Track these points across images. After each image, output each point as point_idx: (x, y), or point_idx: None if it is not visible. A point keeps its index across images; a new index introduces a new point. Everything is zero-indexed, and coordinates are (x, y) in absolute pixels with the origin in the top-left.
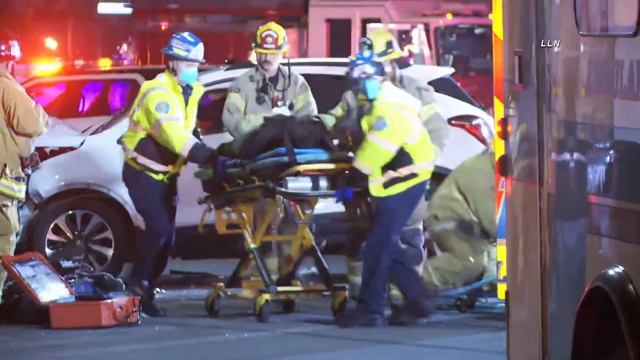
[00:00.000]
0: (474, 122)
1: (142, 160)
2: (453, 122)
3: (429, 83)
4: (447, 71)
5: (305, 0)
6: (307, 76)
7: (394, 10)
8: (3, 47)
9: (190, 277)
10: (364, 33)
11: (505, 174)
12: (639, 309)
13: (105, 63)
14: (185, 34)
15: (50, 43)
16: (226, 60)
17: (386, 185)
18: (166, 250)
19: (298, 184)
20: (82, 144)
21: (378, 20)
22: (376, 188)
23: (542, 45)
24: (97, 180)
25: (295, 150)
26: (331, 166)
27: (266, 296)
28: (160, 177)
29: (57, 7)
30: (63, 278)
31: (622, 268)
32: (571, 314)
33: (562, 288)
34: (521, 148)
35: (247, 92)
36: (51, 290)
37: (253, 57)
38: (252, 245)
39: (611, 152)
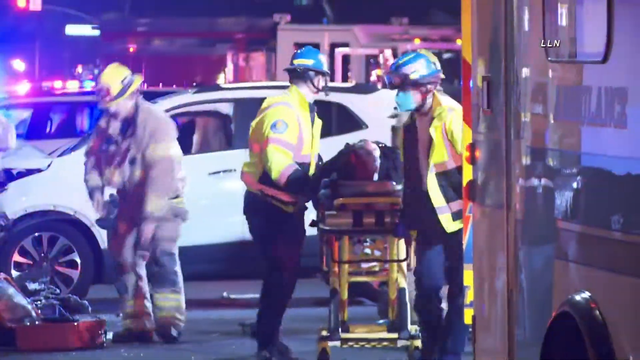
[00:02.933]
0: None
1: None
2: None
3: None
4: None
5: (274, 24)
6: None
7: (362, 35)
8: None
9: None
10: (331, 57)
11: (473, 198)
12: (606, 334)
13: (73, 85)
14: (304, 48)
15: (18, 65)
16: (194, 83)
17: (455, 216)
18: None
19: (336, 220)
20: (49, 166)
21: (346, 45)
22: (447, 220)
23: (510, 71)
24: (63, 202)
25: (340, 181)
26: (378, 200)
27: (325, 344)
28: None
29: (24, 28)
30: (29, 300)
31: (588, 293)
32: (538, 339)
33: (529, 313)
34: (489, 173)
35: None
36: (17, 312)
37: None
38: (330, 286)
39: (578, 177)
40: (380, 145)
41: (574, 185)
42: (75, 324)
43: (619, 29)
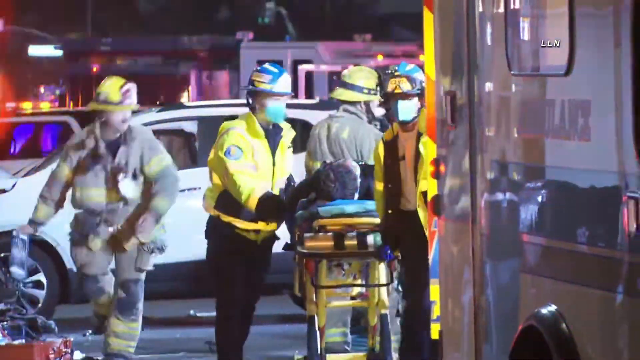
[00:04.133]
0: None
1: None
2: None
3: None
4: (380, 112)
5: (237, 42)
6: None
7: (326, 52)
8: None
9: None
10: (295, 74)
11: (439, 213)
12: (572, 347)
13: (36, 105)
14: (267, 65)
15: None
16: (158, 102)
17: None
18: None
19: (316, 242)
20: (13, 186)
21: (310, 62)
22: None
23: (473, 85)
24: None
25: (319, 202)
26: (360, 221)
27: None
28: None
29: None
30: None
31: (555, 307)
32: (505, 353)
33: (496, 327)
34: (454, 188)
35: None
36: None
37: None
38: (308, 313)
39: (543, 191)
40: (360, 163)
41: (539, 198)
42: (42, 344)
43: (581, 42)
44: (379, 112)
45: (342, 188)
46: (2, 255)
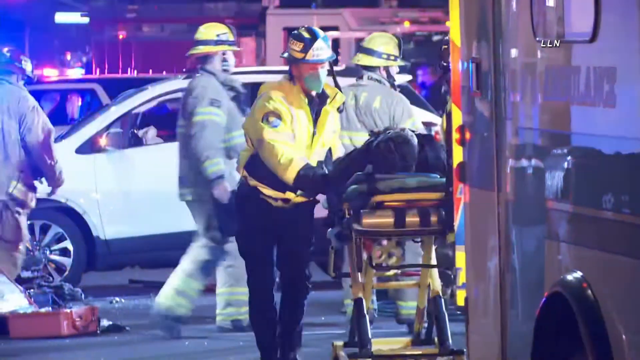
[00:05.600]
0: (433, 129)
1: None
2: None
3: None
4: (404, 78)
5: (263, 9)
6: None
7: (352, 18)
8: (16, 62)
9: (149, 287)
10: None
11: (464, 180)
12: (598, 314)
13: (65, 72)
14: (302, 30)
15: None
16: (184, 69)
17: None
18: None
19: (374, 219)
20: None
21: (336, 29)
22: None
23: (499, 52)
24: None
25: (377, 175)
26: (423, 195)
27: None
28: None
29: (14, 16)
30: (22, 288)
31: (580, 273)
32: (530, 319)
33: (521, 294)
34: (479, 155)
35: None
36: (9, 300)
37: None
38: (354, 296)
39: (568, 158)
40: (416, 132)
41: (564, 165)
42: (69, 311)
43: (606, 8)
44: (402, 78)
45: (402, 160)
46: (29, 222)
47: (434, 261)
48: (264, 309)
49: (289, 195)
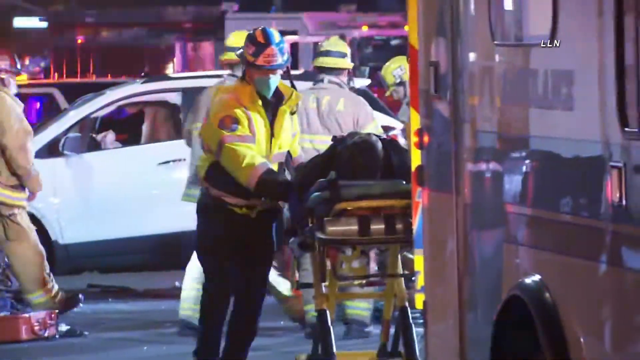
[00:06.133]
0: (391, 133)
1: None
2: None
3: None
4: (363, 82)
5: (221, 14)
6: None
7: (311, 23)
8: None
9: (108, 291)
10: None
11: (422, 184)
12: (556, 317)
13: (21, 77)
14: (258, 31)
15: None
16: (142, 74)
17: None
18: None
19: (339, 227)
20: None
21: (295, 33)
22: None
23: (457, 55)
24: None
25: (341, 182)
26: (389, 203)
27: None
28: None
29: None
30: None
31: (538, 276)
32: (489, 323)
33: (480, 297)
34: (437, 158)
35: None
36: None
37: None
38: (317, 307)
39: (526, 161)
40: (381, 137)
41: (522, 168)
42: (27, 316)
43: (564, 11)
44: (360, 82)
45: (366, 166)
46: None
47: (400, 270)
48: (216, 312)
49: (253, 202)
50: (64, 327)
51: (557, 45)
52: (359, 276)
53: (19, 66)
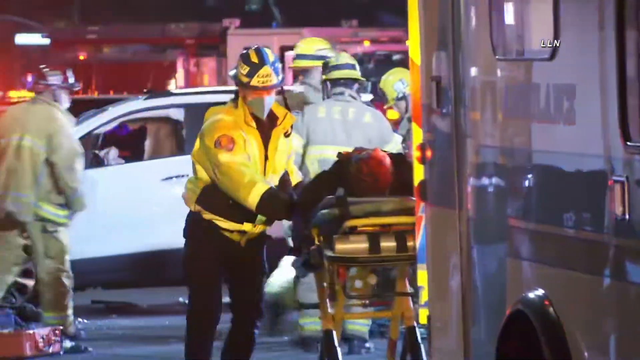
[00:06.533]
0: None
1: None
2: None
3: None
4: (366, 98)
5: (224, 30)
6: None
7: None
8: (42, 81)
9: (111, 307)
10: (282, 60)
11: (425, 198)
12: (560, 331)
13: (25, 94)
14: (252, 52)
15: None
16: (145, 90)
17: None
18: None
19: (348, 245)
20: None
21: None
22: None
23: (459, 70)
24: None
25: (350, 199)
26: (399, 220)
27: None
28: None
29: None
30: None
31: (542, 291)
32: (493, 337)
33: (484, 312)
34: (440, 173)
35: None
36: None
37: None
38: (324, 328)
39: (529, 175)
40: (389, 152)
41: (525, 183)
42: (31, 332)
43: (565, 26)
44: (363, 97)
45: (375, 182)
46: None
47: (409, 289)
48: (203, 336)
49: (246, 226)
50: (68, 344)
51: (559, 59)
52: (369, 295)
53: (71, 81)
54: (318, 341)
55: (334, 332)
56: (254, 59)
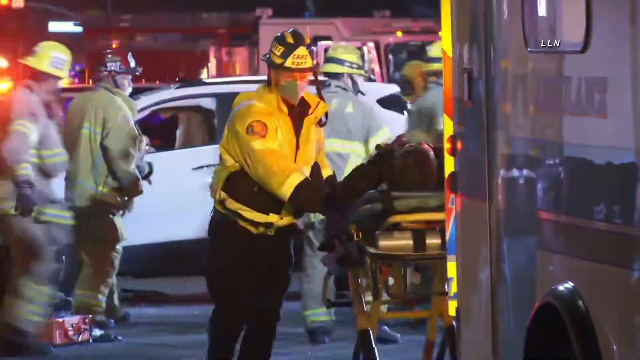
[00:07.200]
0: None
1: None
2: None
3: (379, 100)
4: (397, 88)
5: (256, 19)
6: None
7: (345, 28)
8: (102, 67)
9: (140, 296)
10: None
11: (455, 190)
12: (589, 324)
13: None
14: (286, 33)
15: (1, 62)
16: (177, 79)
17: None
18: None
19: (392, 242)
20: None
21: (329, 38)
22: None
23: (490, 62)
24: None
25: (394, 193)
26: (444, 216)
27: None
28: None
29: (7, 26)
30: None
31: (572, 284)
32: (521, 330)
33: (513, 305)
34: (470, 165)
35: None
36: None
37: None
38: (360, 327)
39: (560, 168)
40: (432, 146)
41: (556, 175)
42: (61, 321)
43: (598, 18)
44: (392, 88)
45: (422, 177)
46: None
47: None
48: (227, 345)
49: (272, 218)
50: (97, 332)
51: (591, 51)
52: (415, 294)
53: (132, 65)
54: (325, 332)
55: (371, 332)
56: (290, 39)
